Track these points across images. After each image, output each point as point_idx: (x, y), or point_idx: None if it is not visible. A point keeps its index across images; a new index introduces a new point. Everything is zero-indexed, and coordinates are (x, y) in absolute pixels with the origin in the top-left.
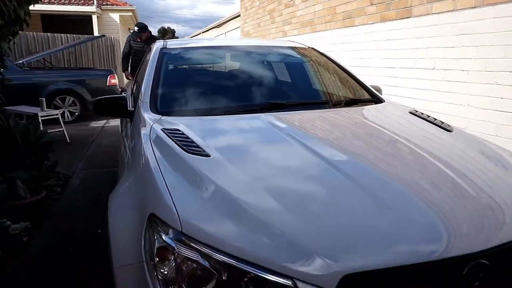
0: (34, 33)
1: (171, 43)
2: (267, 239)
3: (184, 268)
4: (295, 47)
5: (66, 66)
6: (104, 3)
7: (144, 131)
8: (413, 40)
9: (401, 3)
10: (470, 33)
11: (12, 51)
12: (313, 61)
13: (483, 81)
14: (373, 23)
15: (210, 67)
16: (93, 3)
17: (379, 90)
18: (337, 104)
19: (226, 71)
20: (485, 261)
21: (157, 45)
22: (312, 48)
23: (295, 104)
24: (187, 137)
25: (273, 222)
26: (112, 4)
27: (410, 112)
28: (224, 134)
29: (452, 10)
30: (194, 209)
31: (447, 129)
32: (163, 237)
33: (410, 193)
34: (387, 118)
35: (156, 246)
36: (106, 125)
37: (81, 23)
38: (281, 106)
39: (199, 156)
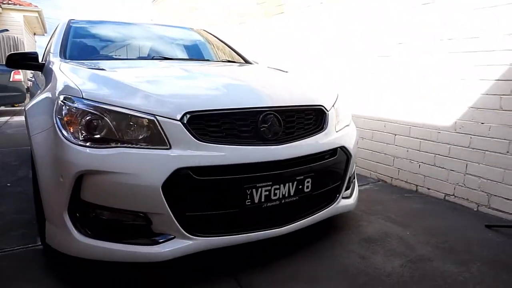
0: None
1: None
2: (139, 97)
3: (84, 119)
4: (189, 27)
5: None
6: (5, 2)
7: (54, 66)
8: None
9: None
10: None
11: None
12: (201, 36)
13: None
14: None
15: (109, 34)
16: None
17: (256, 62)
18: (217, 61)
19: (123, 37)
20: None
21: (68, 18)
22: (203, 30)
23: (181, 59)
24: (88, 64)
25: (143, 89)
26: (14, 4)
27: (268, 67)
28: (117, 65)
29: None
30: (89, 87)
31: (284, 71)
32: (70, 103)
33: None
34: (247, 67)
35: (63, 112)
36: (10, 120)
37: None
38: (168, 59)
39: (96, 69)
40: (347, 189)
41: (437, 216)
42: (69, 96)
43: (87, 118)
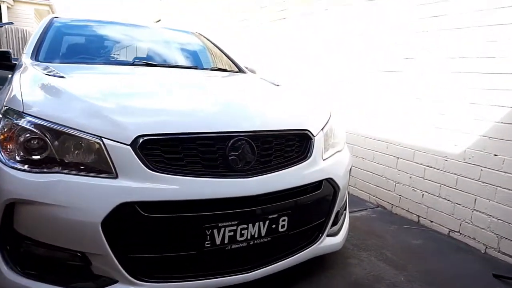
0: None
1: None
2: (87, 114)
3: (20, 138)
4: (182, 30)
5: None
6: None
7: (18, 68)
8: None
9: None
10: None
11: None
12: (193, 40)
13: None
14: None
15: (93, 35)
16: None
17: (252, 71)
18: (204, 69)
19: (109, 39)
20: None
21: (51, 15)
22: (198, 33)
23: (164, 65)
24: (51, 69)
25: (95, 104)
26: None
27: (261, 78)
28: (86, 70)
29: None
30: (35, 98)
31: (275, 84)
32: (6, 117)
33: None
34: (234, 77)
35: (0, 126)
36: None
37: None
38: (151, 65)
39: (55, 77)
40: (333, 225)
41: (438, 257)
42: (11, 109)
43: (24, 136)
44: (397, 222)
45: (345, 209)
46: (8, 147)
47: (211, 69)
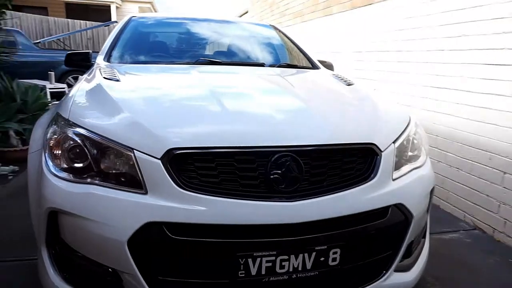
0: (55, 18)
1: (146, 15)
2: (125, 123)
3: (64, 145)
4: (256, 23)
5: (83, 49)
6: None
7: (89, 70)
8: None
9: None
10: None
11: (34, 32)
12: (266, 34)
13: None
14: (345, 11)
15: (166, 33)
16: None
17: (329, 66)
18: (271, 66)
19: (180, 36)
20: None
21: (130, 14)
22: (271, 25)
23: (229, 63)
24: (113, 71)
25: (133, 113)
26: None
27: (333, 74)
28: (144, 72)
29: None
30: (81, 106)
31: (347, 83)
32: (56, 123)
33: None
34: (300, 75)
35: (50, 131)
36: None
37: (102, 12)
38: (215, 63)
39: (111, 80)
40: (405, 257)
41: None
42: (60, 115)
43: (67, 144)
44: (499, 252)
45: (424, 236)
46: (53, 153)
47: (279, 66)
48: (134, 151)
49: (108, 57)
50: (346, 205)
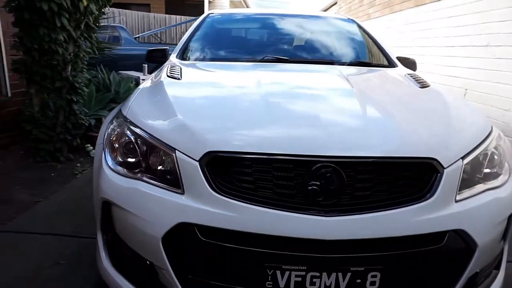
0: (155, 14)
1: (224, 11)
2: (172, 123)
3: (120, 141)
4: (334, 17)
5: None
6: None
7: (160, 67)
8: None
9: None
10: None
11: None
12: (342, 29)
13: None
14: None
15: (240, 29)
16: None
17: (411, 63)
18: (341, 64)
19: (252, 33)
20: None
21: (208, 11)
22: (350, 19)
23: (295, 60)
24: (178, 68)
25: (180, 113)
26: None
27: (408, 74)
28: (207, 70)
29: None
30: (139, 104)
31: (421, 85)
32: (117, 120)
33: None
34: (368, 75)
35: (110, 127)
36: None
37: (196, 7)
38: (283, 60)
39: (172, 78)
40: None
41: None
42: (121, 112)
43: (122, 140)
44: None
45: (498, 267)
46: (111, 147)
47: (350, 64)
48: (176, 151)
49: (181, 54)
50: (392, 226)
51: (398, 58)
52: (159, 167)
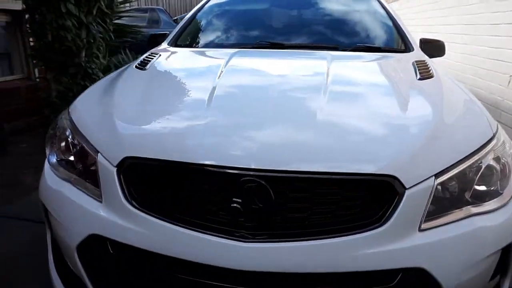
0: None
1: None
2: (107, 122)
3: (57, 136)
4: None
5: None
6: None
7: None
8: None
9: None
10: None
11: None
12: (356, 6)
13: None
14: None
15: (238, 12)
16: None
17: (437, 47)
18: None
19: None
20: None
21: None
22: None
23: (292, 46)
24: (151, 58)
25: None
26: None
27: (415, 62)
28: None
29: None
30: (87, 98)
31: (427, 76)
32: (64, 113)
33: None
34: (362, 63)
35: (57, 119)
36: None
37: None
38: (277, 46)
39: (137, 69)
40: None
41: None
42: (70, 106)
43: (62, 137)
44: None
45: None
46: (52, 143)
47: (353, 49)
48: (99, 154)
49: (174, 41)
50: (329, 258)
51: (423, 41)
52: (87, 171)
